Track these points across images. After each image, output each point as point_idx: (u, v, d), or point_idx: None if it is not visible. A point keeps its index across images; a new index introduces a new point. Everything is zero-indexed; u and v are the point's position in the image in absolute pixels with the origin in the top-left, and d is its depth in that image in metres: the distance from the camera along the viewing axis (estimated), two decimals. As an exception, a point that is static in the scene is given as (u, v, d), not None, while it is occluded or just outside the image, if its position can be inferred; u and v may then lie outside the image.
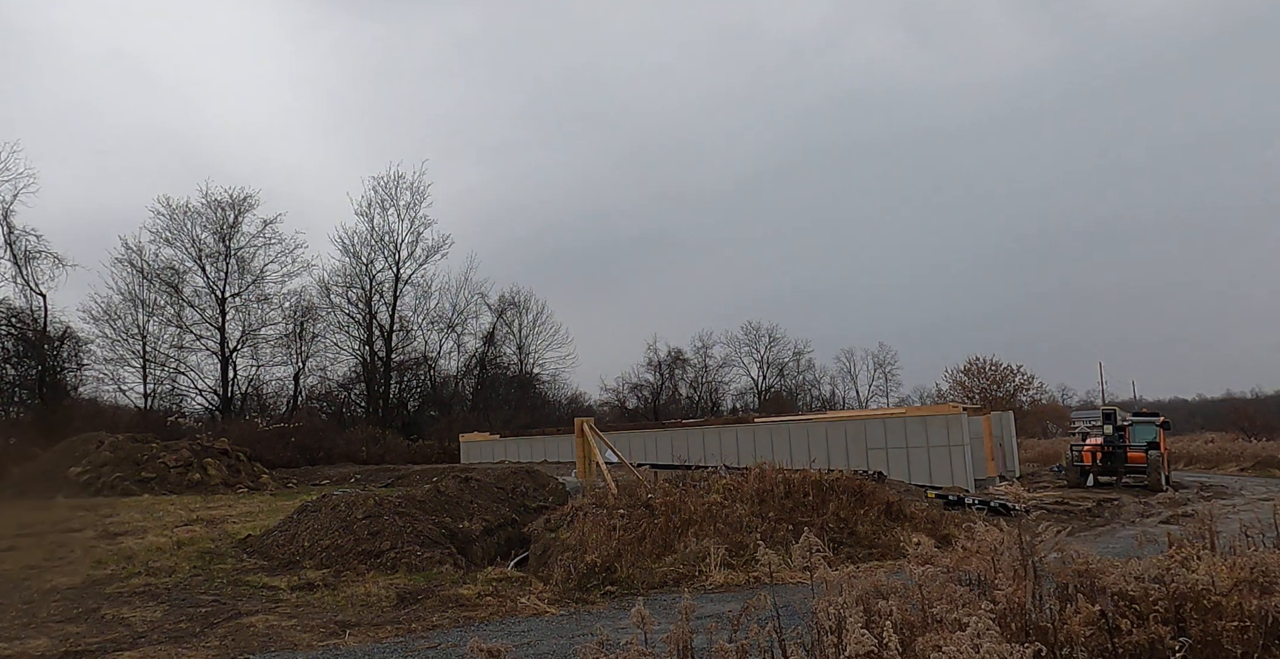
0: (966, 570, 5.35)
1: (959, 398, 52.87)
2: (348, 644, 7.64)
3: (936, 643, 3.74)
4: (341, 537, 11.79)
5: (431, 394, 55.96)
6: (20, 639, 7.69)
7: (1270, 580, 4.70)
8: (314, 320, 51.86)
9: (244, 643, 7.70)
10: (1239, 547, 6.02)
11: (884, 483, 18.48)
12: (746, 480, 13.32)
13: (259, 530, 13.67)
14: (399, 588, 9.89)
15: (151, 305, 47.43)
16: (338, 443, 41.96)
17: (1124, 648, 4.33)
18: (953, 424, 24.05)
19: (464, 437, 42.55)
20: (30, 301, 42.63)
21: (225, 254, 49.07)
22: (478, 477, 17.24)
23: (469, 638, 5.07)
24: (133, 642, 7.70)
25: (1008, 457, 29.35)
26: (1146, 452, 24.72)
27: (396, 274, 53.33)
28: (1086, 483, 25.65)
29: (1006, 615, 4.46)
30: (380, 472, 33.62)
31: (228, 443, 30.92)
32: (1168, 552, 5.72)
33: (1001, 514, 16.81)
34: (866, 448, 25.45)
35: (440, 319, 56.10)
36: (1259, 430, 48.02)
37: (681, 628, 4.36)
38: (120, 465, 26.53)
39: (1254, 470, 32.42)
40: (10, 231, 42.11)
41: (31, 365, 42.64)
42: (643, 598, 7.97)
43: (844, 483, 13.47)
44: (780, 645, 4.39)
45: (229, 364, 48.91)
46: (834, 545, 11.58)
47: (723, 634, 4.51)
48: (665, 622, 5.73)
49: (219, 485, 27.02)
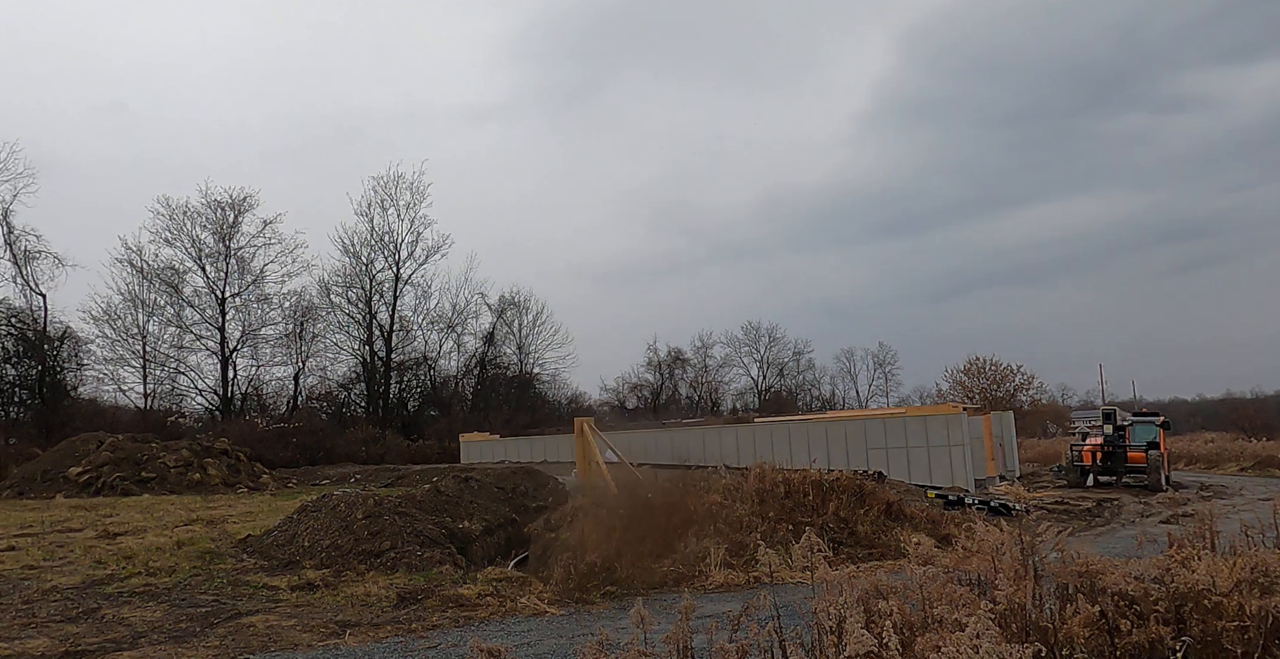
0: (966, 570, 5.35)
1: (959, 398, 52.84)
2: (348, 644, 7.63)
3: (936, 643, 3.73)
4: (341, 537, 11.78)
5: (431, 394, 55.96)
6: (20, 639, 7.69)
7: (1271, 580, 4.70)
8: (314, 320, 51.94)
9: (244, 643, 7.70)
10: (1239, 547, 6.01)
11: (884, 483, 18.48)
12: (746, 480, 13.32)
13: (259, 530, 13.67)
14: (399, 588, 9.88)
15: (151, 305, 47.50)
16: (338, 443, 41.96)
17: (1124, 648, 4.33)
18: (953, 424, 24.04)
19: (464, 437, 42.55)
20: (30, 301, 42.73)
21: (225, 254, 49.13)
22: (478, 477, 17.24)
23: (469, 638, 5.07)
24: (133, 642, 7.69)
25: (1008, 457, 29.34)
26: (1146, 452, 24.71)
27: (396, 274, 53.40)
28: (1086, 483, 25.64)
29: (1007, 616, 4.46)
30: (380, 472, 33.63)
31: (228, 443, 30.94)
32: (1168, 552, 5.71)
33: (1001, 514, 16.79)
34: (866, 448, 25.44)
35: (440, 319, 56.18)
36: (1259, 430, 47.96)
37: (681, 628, 4.36)
38: (120, 465, 26.55)
39: (1254, 470, 32.40)
40: (10, 231, 42.19)
41: (31, 365, 42.65)
42: (643, 598, 7.97)
43: (844, 483, 13.46)
44: (780, 645, 4.39)
45: (229, 364, 48.94)
46: (834, 545, 11.57)
47: (723, 634, 4.51)
48: (665, 622, 5.73)
49: (219, 485, 27.03)
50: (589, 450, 17.88)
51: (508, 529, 14.56)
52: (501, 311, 59.17)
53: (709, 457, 23.75)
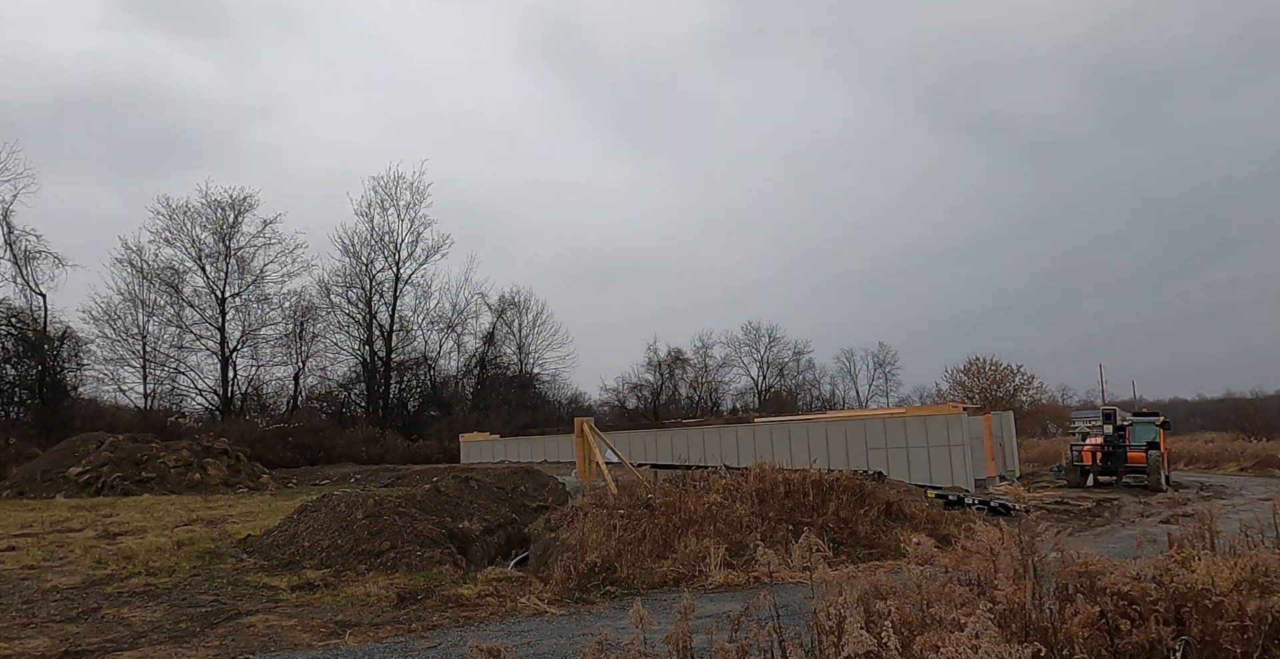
0: (966, 570, 5.35)
1: (959, 398, 52.82)
2: (348, 644, 7.63)
3: (935, 643, 3.73)
4: (341, 537, 11.78)
5: (431, 394, 55.96)
6: (20, 639, 7.69)
7: (1271, 581, 4.70)
8: (314, 320, 51.96)
9: (244, 643, 7.70)
10: (1239, 547, 6.01)
11: (884, 483, 18.47)
12: (746, 480, 13.31)
13: (259, 530, 13.67)
14: (399, 588, 9.88)
15: (151, 305, 47.51)
16: (338, 443, 41.97)
17: (1124, 648, 4.33)
18: (953, 424, 24.04)
19: (464, 437, 42.54)
20: (30, 301, 42.71)
21: (225, 254, 49.14)
22: (477, 477, 17.24)
23: (469, 638, 5.07)
24: (133, 642, 7.69)
25: (1008, 457, 29.33)
26: (1146, 452, 24.71)
27: (396, 274, 53.42)
28: (1086, 483, 25.64)
29: (1006, 616, 4.46)
30: (380, 472, 33.64)
31: (228, 443, 30.94)
32: (1168, 552, 5.71)
33: (1001, 514, 16.79)
34: (866, 448, 25.44)
35: (440, 319, 56.23)
36: (1259, 430, 47.96)
37: (681, 628, 4.36)
38: (120, 465, 26.54)
39: (1254, 470, 32.40)
40: (10, 231, 42.18)
41: (31, 365, 42.64)
42: (642, 598, 8.00)
43: (844, 483, 13.46)
44: (780, 645, 4.39)
45: (229, 364, 48.94)
46: (834, 545, 11.57)
47: (723, 634, 4.50)
48: (665, 622, 5.73)
49: (219, 485, 27.03)
50: (589, 450, 17.87)
51: (508, 529, 14.56)
52: (501, 311, 59.28)
53: (709, 457, 23.77)
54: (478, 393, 57.64)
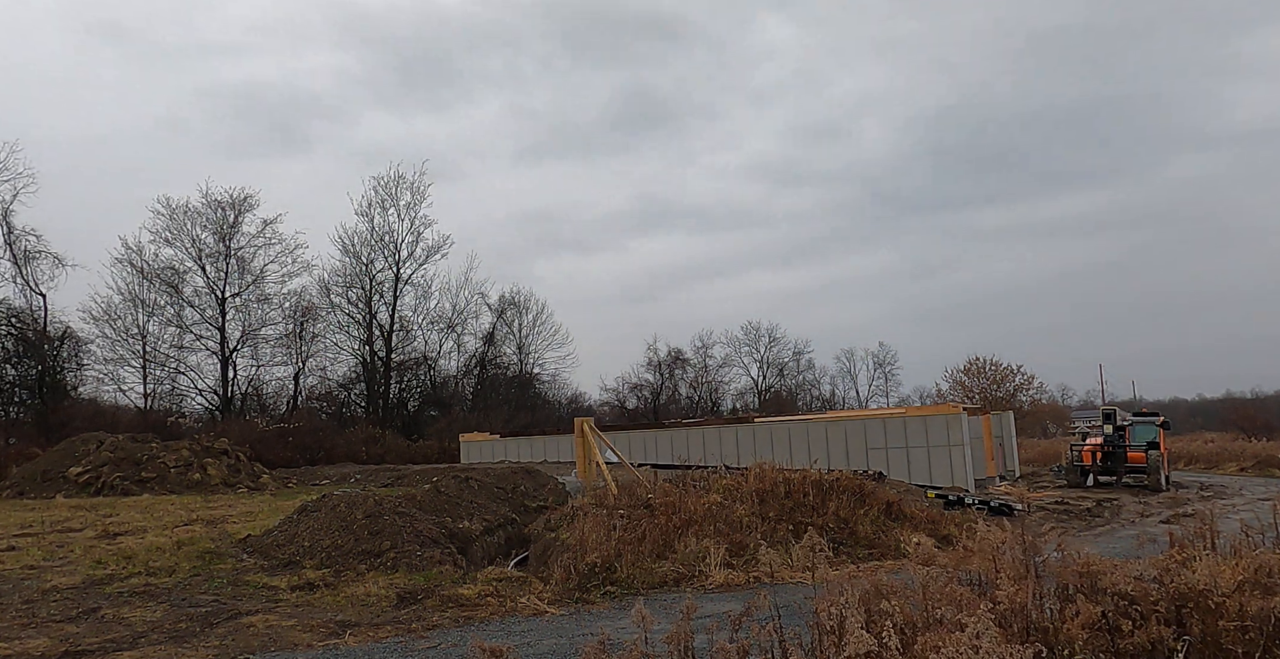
0: (967, 570, 5.35)
1: (959, 398, 52.83)
2: (348, 644, 7.63)
3: (936, 643, 3.73)
4: (341, 537, 11.78)
5: (431, 394, 55.95)
6: (20, 639, 7.68)
7: (1272, 581, 4.70)
8: (314, 320, 51.92)
9: (244, 643, 7.69)
10: (1240, 547, 6.01)
11: (884, 483, 18.48)
12: (746, 480, 13.31)
13: (259, 530, 13.66)
14: (399, 588, 9.88)
15: (151, 305, 47.47)
16: (338, 443, 41.96)
17: (1125, 649, 4.33)
18: (953, 424, 24.04)
19: (464, 437, 42.54)
20: (30, 301, 42.69)
21: (225, 254, 49.10)
22: (478, 477, 17.24)
23: (469, 638, 5.08)
24: (133, 642, 7.69)
25: (1008, 457, 29.35)
26: (1146, 452, 24.71)
27: (396, 274, 53.41)
28: (1086, 483, 25.64)
29: (1007, 616, 4.46)
30: (380, 472, 33.62)
31: (228, 443, 30.90)
32: (1168, 552, 5.72)
33: (1002, 514, 16.80)
34: (866, 448, 25.45)
35: (440, 319, 56.20)
36: (1259, 430, 47.99)
37: (683, 628, 4.36)
38: (120, 465, 26.53)
39: (1254, 470, 32.40)
40: (10, 232, 42.17)
41: (31, 365, 42.63)
42: (643, 598, 7.98)
43: (844, 483, 13.46)
44: (780, 645, 4.39)
45: (229, 364, 48.92)
46: (834, 545, 11.57)
47: (723, 634, 4.50)
48: (665, 622, 5.72)
49: (219, 485, 27.01)
50: (589, 450, 17.87)
51: (508, 529, 14.56)
52: (501, 312, 59.26)
53: (709, 457, 23.75)
54: (478, 393, 57.62)
